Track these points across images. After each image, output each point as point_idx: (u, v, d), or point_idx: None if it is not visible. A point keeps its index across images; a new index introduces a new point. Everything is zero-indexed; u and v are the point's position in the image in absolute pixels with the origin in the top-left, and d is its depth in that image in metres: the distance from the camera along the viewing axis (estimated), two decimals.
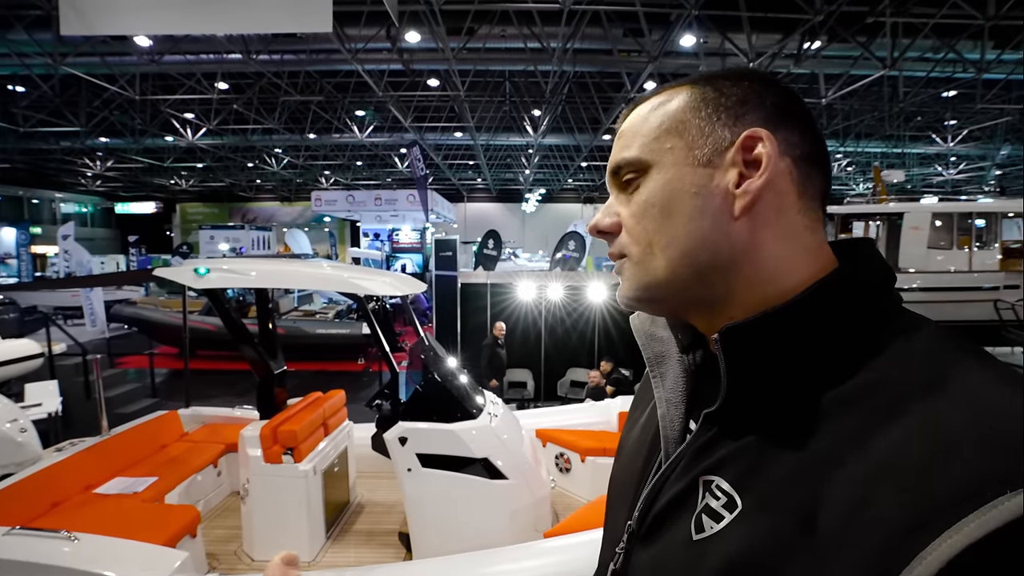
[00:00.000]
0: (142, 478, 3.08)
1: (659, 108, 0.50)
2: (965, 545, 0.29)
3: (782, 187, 0.46)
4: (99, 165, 20.11)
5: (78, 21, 3.90)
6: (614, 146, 0.54)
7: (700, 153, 0.47)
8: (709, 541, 0.41)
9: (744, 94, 0.48)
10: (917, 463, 0.33)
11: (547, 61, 9.26)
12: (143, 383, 7.55)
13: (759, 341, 0.43)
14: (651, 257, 0.48)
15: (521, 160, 19.71)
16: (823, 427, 0.38)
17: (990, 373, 0.37)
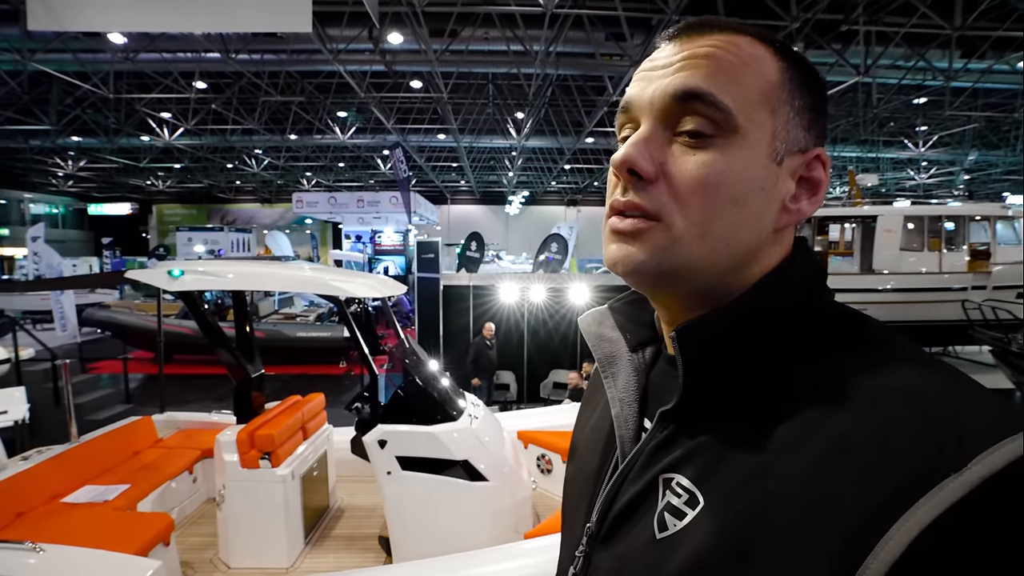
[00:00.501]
0: (113, 486, 3.00)
1: (753, 60, 0.43)
2: (922, 528, 0.30)
3: (818, 203, 0.46)
4: (71, 165, 19.59)
5: (47, 16, 3.80)
6: (679, 67, 0.43)
7: (780, 145, 0.43)
8: (673, 539, 0.41)
9: (820, 98, 0.46)
10: (868, 454, 0.33)
11: (530, 64, 9.30)
12: (116, 389, 7.37)
13: (714, 337, 0.43)
14: (697, 241, 0.42)
15: (504, 162, 19.75)
16: (777, 420, 0.38)
17: (924, 364, 0.38)
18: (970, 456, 0.31)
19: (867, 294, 8.43)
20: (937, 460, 0.31)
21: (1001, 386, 7.27)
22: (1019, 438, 0.31)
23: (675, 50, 0.44)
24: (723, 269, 0.43)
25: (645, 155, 0.43)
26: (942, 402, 0.34)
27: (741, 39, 0.44)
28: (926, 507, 0.30)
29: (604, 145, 16.80)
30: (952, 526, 0.30)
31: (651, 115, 0.44)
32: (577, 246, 18.66)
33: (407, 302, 11.67)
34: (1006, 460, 0.30)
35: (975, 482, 0.30)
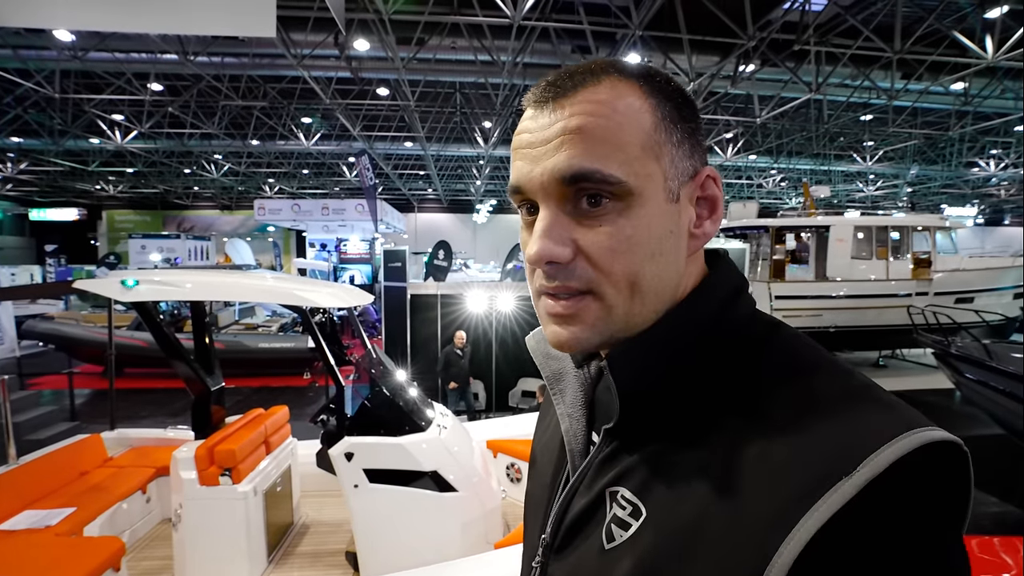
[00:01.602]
0: (57, 510, 2.82)
1: (626, 114, 0.43)
2: (818, 527, 0.33)
3: (719, 221, 0.48)
4: (10, 167, 18.49)
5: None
6: (561, 144, 0.43)
7: (673, 186, 0.45)
8: (620, 549, 0.43)
9: (694, 119, 0.47)
10: (776, 464, 0.37)
11: (497, 74, 9.38)
12: (60, 405, 6.95)
13: (639, 361, 0.45)
14: (632, 299, 0.44)
15: (472, 171, 19.78)
16: (702, 434, 0.41)
17: (827, 372, 0.41)
18: (859, 460, 0.34)
19: (822, 300, 8.80)
20: (833, 465, 0.34)
21: (942, 386, 7.71)
22: (902, 440, 0.34)
23: (548, 121, 0.44)
24: (654, 314, 0.45)
25: (558, 242, 0.44)
26: (840, 411, 0.37)
27: (607, 90, 0.44)
28: (822, 508, 0.33)
29: None
30: (844, 524, 0.33)
31: (547, 198, 0.45)
32: None
33: (373, 311, 11.49)
34: (889, 461, 0.33)
35: (861, 483, 0.33)
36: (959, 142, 15.66)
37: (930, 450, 0.34)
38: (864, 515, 0.33)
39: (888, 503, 0.33)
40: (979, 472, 0.38)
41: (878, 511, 0.33)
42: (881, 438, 0.35)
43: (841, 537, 0.33)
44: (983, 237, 23.59)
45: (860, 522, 0.33)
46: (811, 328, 8.78)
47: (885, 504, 0.33)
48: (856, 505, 0.33)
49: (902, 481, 0.33)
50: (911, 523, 0.33)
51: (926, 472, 0.34)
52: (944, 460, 0.35)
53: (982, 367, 5.66)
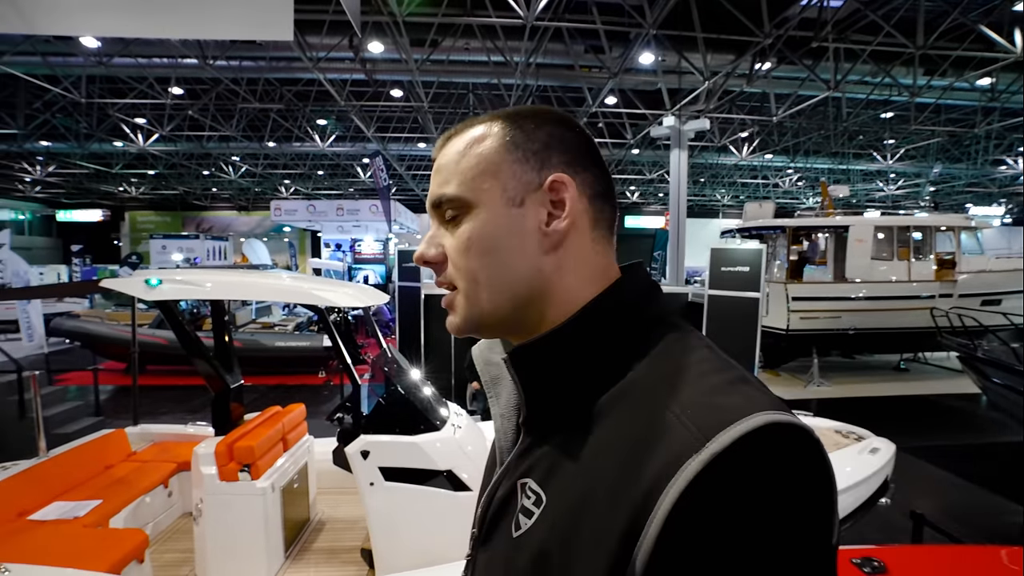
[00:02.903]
0: (84, 501, 2.90)
1: (473, 147, 0.54)
2: (672, 503, 0.37)
3: (580, 224, 0.54)
4: (39, 170, 19.00)
5: (17, 18, 3.69)
6: (433, 179, 0.57)
7: (514, 195, 0.53)
8: (524, 536, 0.48)
9: (547, 139, 0.54)
10: (644, 448, 0.41)
11: (510, 75, 9.40)
12: (86, 401, 7.14)
13: (539, 358, 0.51)
14: (477, 291, 0.53)
15: None
16: (595, 424, 0.47)
17: (701, 366, 0.46)
18: (708, 439, 0.38)
19: (841, 302, 8.65)
20: (686, 446, 0.39)
21: (968, 391, 7.54)
22: (746, 421, 0.38)
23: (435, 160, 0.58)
24: (515, 304, 0.53)
25: (428, 246, 0.57)
26: (702, 398, 0.42)
27: (470, 131, 0.55)
28: (675, 486, 0.37)
29: None
30: (693, 498, 0.37)
31: (432, 216, 0.59)
32: None
33: (387, 311, 11.57)
34: (732, 439, 0.37)
35: (707, 460, 0.37)
36: (985, 139, 15.29)
37: (774, 431, 0.38)
38: (708, 489, 0.37)
39: (730, 476, 0.37)
40: (1007, 480, 0.39)
41: (721, 483, 0.37)
42: (730, 419, 0.38)
43: (691, 512, 0.37)
44: (1010, 237, 22.99)
45: (706, 496, 0.37)
46: (830, 330, 8.64)
47: (727, 477, 0.37)
48: (702, 480, 0.37)
49: (743, 457, 0.37)
50: (750, 497, 0.36)
51: (765, 449, 0.38)
52: (789, 444, 0.39)
53: (1010, 371, 5.52)
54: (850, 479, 2.45)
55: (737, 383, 0.44)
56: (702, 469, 0.37)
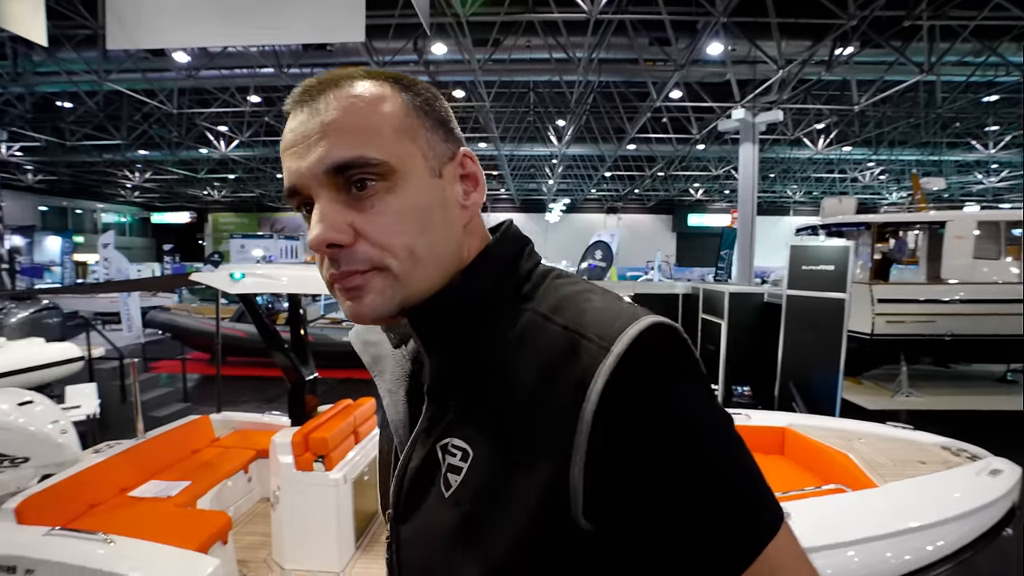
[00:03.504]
0: (175, 482, 3.11)
1: (378, 104, 0.48)
2: (595, 405, 0.41)
3: (484, 192, 0.55)
4: (138, 176, 20.87)
5: (123, 35, 4.05)
6: (321, 139, 0.47)
7: (434, 164, 0.50)
8: (456, 491, 0.48)
9: (444, 110, 0.53)
10: (559, 368, 0.44)
11: (572, 71, 9.28)
12: (175, 387, 7.71)
13: (437, 315, 0.51)
14: (415, 268, 0.49)
15: (545, 170, 19.75)
16: (501, 367, 0.47)
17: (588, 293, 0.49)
18: (612, 342, 0.42)
19: (935, 305, 7.89)
20: (594, 355, 0.43)
21: None
22: (636, 324, 0.43)
23: (306, 118, 0.48)
24: (440, 279, 0.51)
25: (336, 227, 0.47)
26: (593, 316, 0.46)
27: (357, 87, 0.49)
28: (595, 388, 0.41)
29: (646, 152, 16.57)
30: (614, 395, 0.41)
31: (319, 188, 0.48)
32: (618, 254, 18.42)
33: None
34: (631, 338, 0.42)
35: (615, 359, 0.41)
36: None
37: (659, 328, 0.43)
38: (625, 383, 0.41)
39: (638, 368, 0.42)
40: None
41: (633, 377, 0.41)
42: (622, 326, 0.43)
43: (611, 408, 0.41)
44: None
45: (620, 390, 0.41)
46: (921, 335, 7.89)
47: (637, 370, 0.42)
48: (618, 377, 0.41)
49: (644, 347, 0.42)
50: (660, 381, 0.42)
51: (657, 340, 0.43)
52: (674, 335, 0.44)
53: None
54: (966, 504, 2.18)
55: (618, 301, 0.48)
56: (615, 366, 0.41)
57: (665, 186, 23.51)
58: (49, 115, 13.51)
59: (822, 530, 2.09)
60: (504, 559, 0.44)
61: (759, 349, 5.29)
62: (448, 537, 0.47)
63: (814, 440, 3.09)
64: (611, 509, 0.41)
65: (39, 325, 7.51)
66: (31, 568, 2.20)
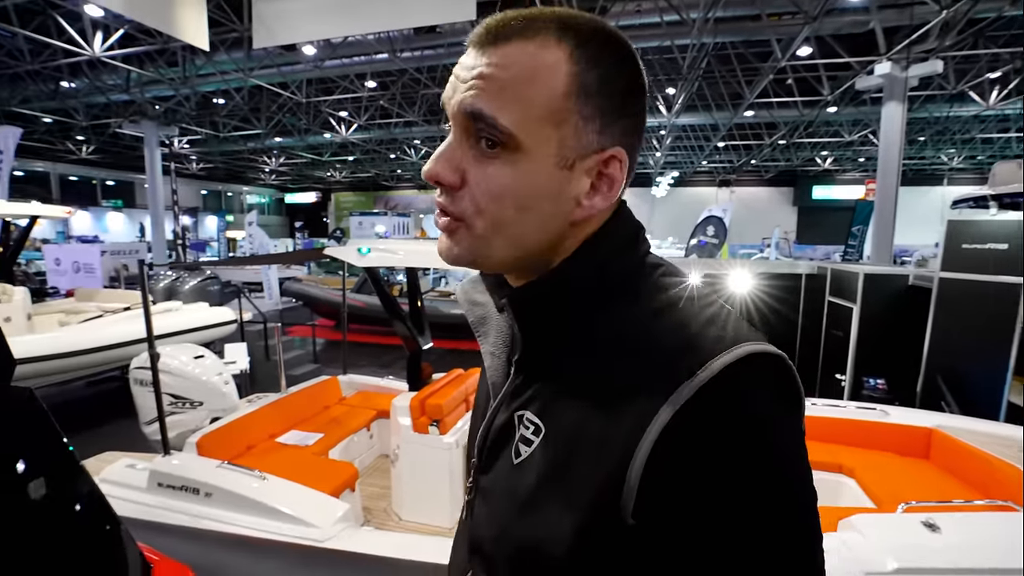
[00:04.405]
0: (311, 433, 3.52)
1: (540, 75, 0.45)
2: (664, 425, 0.41)
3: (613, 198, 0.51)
4: (273, 161, 23.35)
5: (266, 34, 4.52)
6: (473, 83, 0.46)
7: (569, 155, 0.47)
8: (525, 463, 0.50)
9: (622, 94, 0.48)
10: (637, 378, 0.44)
11: (685, 34, 8.66)
12: (306, 350, 8.65)
13: (536, 302, 0.51)
14: (495, 238, 0.49)
15: (652, 142, 18.85)
16: (589, 360, 0.48)
17: (688, 301, 0.48)
18: (700, 366, 0.41)
19: None
20: (678, 373, 0.42)
21: None
22: (737, 349, 0.42)
23: (473, 61, 0.47)
24: (526, 256, 0.51)
25: (447, 167, 0.49)
26: (692, 331, 0.45)
27: (535, 46, 0.46)
28: (667, 410, 0.41)
29: (766, 118, 15.11)
30: (685, 421, 0.40)
31: (455, 127, 0.49)
32: (730, 231, 17.20)
33: None
34: (723, 364, 0.41)
35: (697, 385, 0.41)
36: None
37: (755, 358, 0.42)
38: (701, 411, 0.40)
39: (721, 399, 0.41)
40: None
41: (712, 406, 0.40)
42: (719, 348, 0.42)
43: (682, 433, 0.40)
44: None
45: (697, 418, 0.40)
46: None
47: (718, 400, 0.41)
48: (694, 404, 0.40)
49: (731, 381, 0.41)
50: (741, 415, 0.41)
51: (751, 374, 0.42)
52: (768, 366, 0.43)
53: None
54: None
55: (724, 317, 0.47)
56: (692, 396, 0.40)
57: (786, 155, 21.36)
58: (207, 111, 15.51)
59: (991, 552, 1.86)
60: (550, 537, 0.46)
61: (898, 338, 4.69)
62: (510, 501, 0.50)
63: (971, 446, 2.70)
64: (660, 524, 0.41)
65: (204, 292, 8.80)
66: (209, 492, 2.64)
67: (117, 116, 14.66)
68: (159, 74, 11.12)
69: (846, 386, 4.88)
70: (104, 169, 23.85)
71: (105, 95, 12.76)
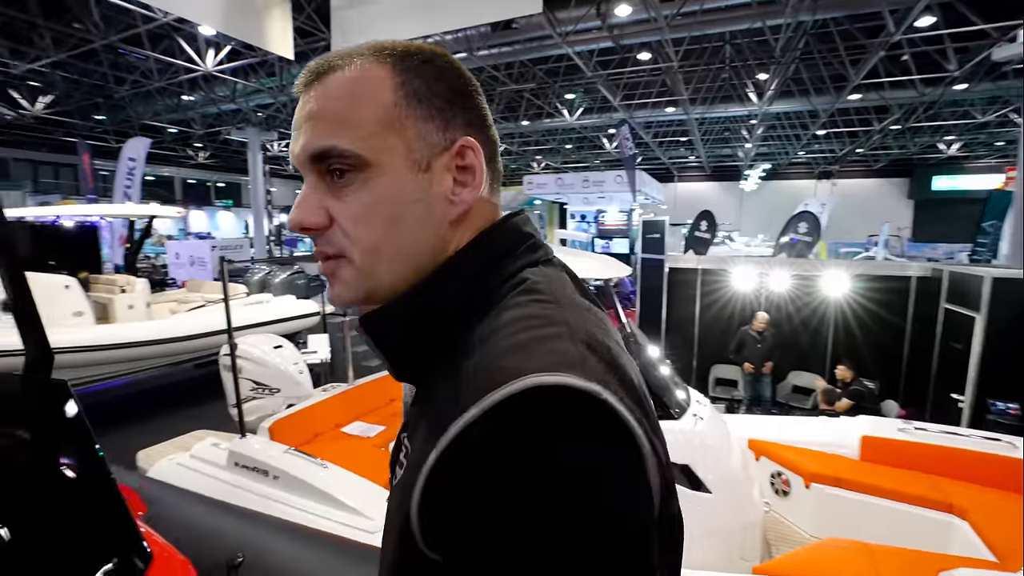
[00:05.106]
0: (374, 425, 3.62)
1: (365, 93, 0.47)
2: (431, 465, 0.38)
3: (482, 190, 0.51)
4: None
5: (343, 39, 4.73)
6: (306, 125, 0.48)
7: (419, 157, 0.48)
8: (398, 482, 0.48)
9: (449, 92, 0.49)
10: (439, 404, 0.42)
11: (778, 14, 7.98)
12: None
13: (385, 324, 0.50)
14: (377, 264, 0.48)
15: (741, 133, 17.68)
16: (434, 383, 0.46)
17: (522, 323, 0.43)
18: (472, 402, 0.37)
19: None
20: (456, 408, 0.38)
21: None
22: (517, 383, 0.36)
23: (302, 104, 0.49)
24: (412, 274, 0.49)
25: (310, 211, 0.48)
26: (490, 360, 0.40)
27: (354, 70, 0.47)
28: (439, 447, 0.38)
29: (875, 101, 13.54)
30: (443, 464, 0.37)
31: (306, 173, 0.49)
32: (829, 227, 15.69)
33: (628, 283, 11.51)
34: (494, 401, 0.36)
35: (463, 424, 0.37)
36: None
37: (538, 393, 0.35)
38: (458, 453, 0.37)
39: (478, 440, 0.36)
40: None
41: (468, 449, 0.36)
42: (500, 380, 0.37)
43: (444, 475, 0.37)
44: None
45: (454, 460, 0.37)
46: None
47: (476, 441, 0.36)
48: (455, 445, 0.37)
49: (495, 419, 0.35)
50: (492, 458, 0.35)
51: (522, 410, 0.35)
52: (555, 402, 0.35)
53: None
54: None
55: (544, 344, 0.40)
56: (455, 435, 0.37)
57: (900, 142, 19.09)
58: None
59: None
60: (387, 563, 0.46)
61: None
62: (387, 521, 0.51)
63: None
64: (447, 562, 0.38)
65: (292, 285, 9.47)
66: (277, 475, 2.78)
67: (226, 124, 16.18)
68: (260, 84, 12.09)
69: (965, 409, 4.23)
70: (217, 172, 26.50)
71: (216, 105, 14.10)
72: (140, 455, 3.54)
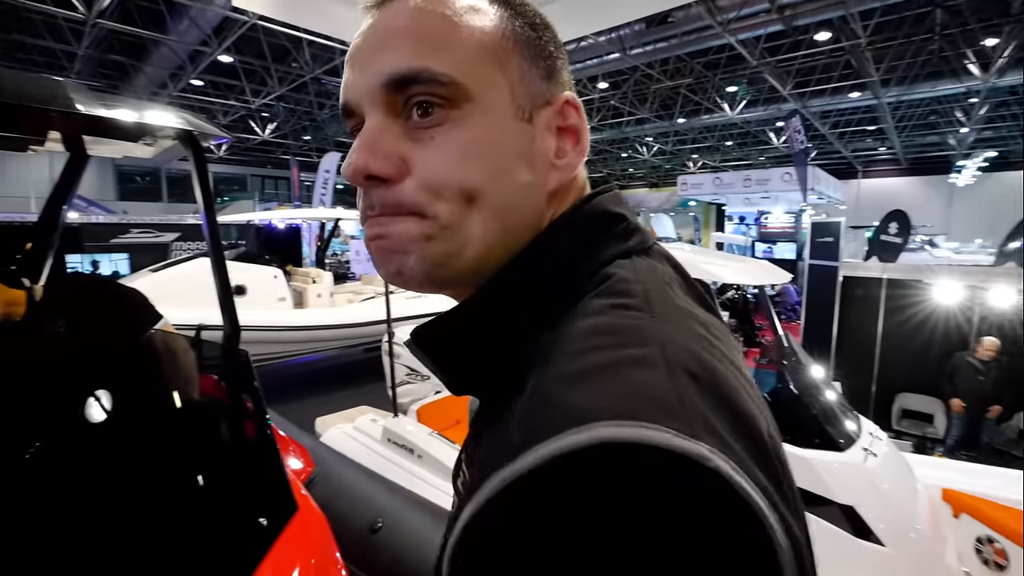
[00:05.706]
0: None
1: (465, 15, 0.37)
2: (471, 514, 0.28)
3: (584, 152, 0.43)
4: None
5: None
6: (379, 47, 0.37)
7: (522, 103, 0.39)
8: (451, 516, 0.40)
9: (555, 45, 0.42)
10: (491, 443, 0.33)
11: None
12: None
13: (441, 338, 0.40)
14: (469, 217, 0.37)
15: (955, 114, 14.59)
16: (498, 389, 0.37)
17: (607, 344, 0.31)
18: (529, 446, 0.27)
19: None
20: (506, 452, 0.28)
21: None
22: (584, 431, 0.25)
23: (375, 24, 0.38)
24: (503, 249, 0.39)
25: (381, 153, 0.37)
26: (556, 387, 0.30)
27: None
28: (481, 494, 0.28)
29: None
30: (487, 514, 0.28)
31: (373, 109, 0.38)
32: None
33: (794, 292, 10.32)
34: (552, 453, 0.25)
35: (510, 476, 0.27)
36: None
37: (606, 451, 0.24)
38: (495, 514, 0.27)
39: (519, 503, 0.26)
40: None
41: (506, 512, 0.27)
42: (559, 422, 0.26)
43: (473, 543, 0.28)
44: None
45: (500, 515, 0.27)
46: None
47: (517, 503, 0.26)
48: (494, 503, 0.27)
49: (546, 479, 0.25)
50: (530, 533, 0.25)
51: (581, 474, 0.24)
52: (624, 467, 0.24)
53: None
54: None
55: (623, 366, 0.29)
56: (498, 490, 0.27)
57: None
58: None
59: None
60: None
61: None
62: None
63: None
64: None
65: None
66: (420, 455, 3.05)
67: None
68: None
69: None
70: None
71: None
72: (317, 421, 4.14)
